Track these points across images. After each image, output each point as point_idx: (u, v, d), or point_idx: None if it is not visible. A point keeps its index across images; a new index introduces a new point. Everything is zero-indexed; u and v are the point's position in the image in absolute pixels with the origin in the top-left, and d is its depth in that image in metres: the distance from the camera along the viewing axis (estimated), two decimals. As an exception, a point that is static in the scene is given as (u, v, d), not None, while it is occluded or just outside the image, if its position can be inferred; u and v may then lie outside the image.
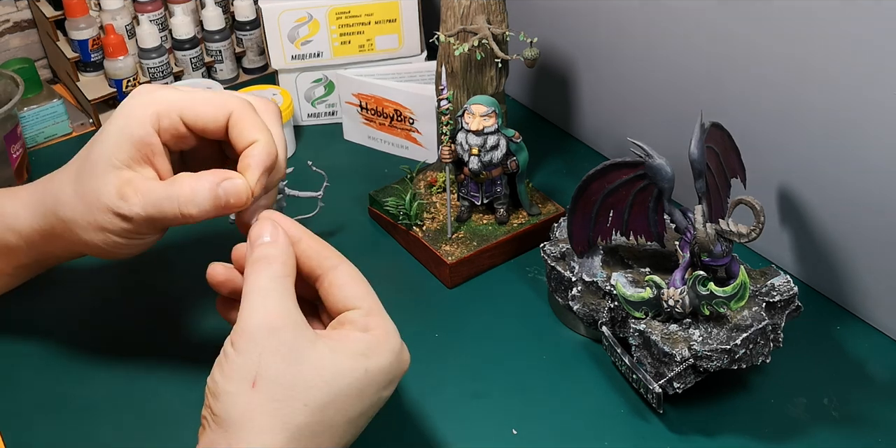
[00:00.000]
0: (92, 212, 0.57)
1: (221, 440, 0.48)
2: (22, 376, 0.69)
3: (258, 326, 0.49)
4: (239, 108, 0.57)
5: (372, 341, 0.51)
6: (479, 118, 0.73)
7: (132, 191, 0.56)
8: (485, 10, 0.75)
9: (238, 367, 0.49)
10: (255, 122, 0.57)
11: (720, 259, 0.64)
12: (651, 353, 0.64)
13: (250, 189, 0.56)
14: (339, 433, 0.50)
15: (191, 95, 0.58)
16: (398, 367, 0.52)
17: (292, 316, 0.50)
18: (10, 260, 0.65)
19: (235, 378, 0.48)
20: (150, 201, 0.56)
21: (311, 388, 0.48)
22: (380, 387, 0.51)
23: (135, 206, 0.56)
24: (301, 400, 0.48)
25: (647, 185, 0.65)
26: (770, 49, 0.71)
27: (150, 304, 0.76)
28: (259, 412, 0.48)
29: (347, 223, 0.84)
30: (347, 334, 0.52)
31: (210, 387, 0.49)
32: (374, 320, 0.53)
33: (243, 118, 0.57)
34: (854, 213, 0.70)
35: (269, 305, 0.50)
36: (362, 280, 0.55)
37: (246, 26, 1.02)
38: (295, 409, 0.48)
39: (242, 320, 0.50)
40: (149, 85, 0.60)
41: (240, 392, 0.48)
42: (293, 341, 0.49)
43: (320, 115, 0.99)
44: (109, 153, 0.57)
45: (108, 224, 0.57)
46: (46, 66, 1.08)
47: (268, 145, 0.57)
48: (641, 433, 0.65)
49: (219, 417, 0.48)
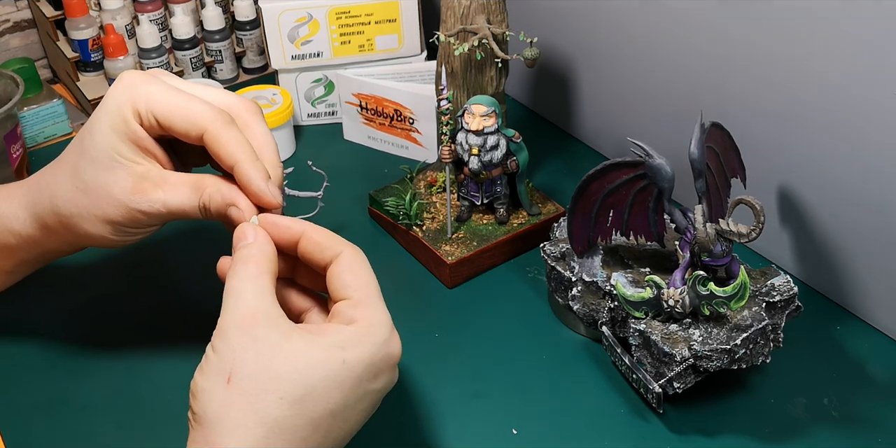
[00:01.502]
0: (100, 206, 0.57)
1: (200, 438, 0.48)
2: (22, 376, 0.69)
3: (232, 325, 0.50)
4: (212, 127, 0.56)
5: (351, 333, 0.51)
6: (479, 118, 0.73)
7: (150, 185, 0.57)
8: (485, 10, 0.75)
9: (214, 366, 0.49)
10: (229, 143, 0.56)
11: (720, 259, 0.64)
12: (651, 353, 0.64)
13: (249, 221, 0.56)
14: (325, 427, 0.49)
15: (168, 101, 0.56)
16: (384, 359, 0.51)
17: (266, 312, 0.50)
18: (10, 258, 0.65)
19: (212, 376, 0.49)
20: (175, 200, 0.57)
21: (286, 381, 0.48)
22: (363, 379, 0.50)
23: (156, 202, 0.57)
24: (275, 393, 0.48)
25: (647, 185, 0.65)
26: (770, 49, 0.71)
27: (150, 302, 0.76)
28: (234, 407, 0.48)
29: (347, 223, 0.84)
30: (326, 327, 0.51)
31: (191, 388, 0.50)
32: (360, 311, 0.52)
33: (217, 139, 0.56)
34: (854, 213, 0.70)
35: (241, 305, 0.50)
36: (361, 268, 0.54)
37: (246, 26, 1.02)
38: (270, 403, 0.48)
39: (220, 321, 0.50)
40: (133, 74, 0.58)
41: (215, 389, 0.48)
42: (266, 336, 0.49)
43: (320, 115, 0.99)
44: (109, 148, 0.57)
45: (120, 217, 0.57)
46: (46, 66, 1.08)
47: (247, 171, 0.56)
48: (641, 433, 0.65)
49: (198, 416, 0.48)
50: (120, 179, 0.57)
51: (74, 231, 0.60)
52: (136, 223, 0.58)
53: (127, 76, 0.58)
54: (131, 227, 0.59)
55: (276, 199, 0.56)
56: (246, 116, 0.59)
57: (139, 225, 0.59)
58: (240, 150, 0.56)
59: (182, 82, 0.60)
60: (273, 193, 0.56)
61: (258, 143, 0.58)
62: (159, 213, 0.57)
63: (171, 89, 0.57)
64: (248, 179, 0.56)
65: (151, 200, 0.57)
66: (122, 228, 0.59)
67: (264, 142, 0.59)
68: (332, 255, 0.54)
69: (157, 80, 0.58)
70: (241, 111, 0.59)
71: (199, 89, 0.59)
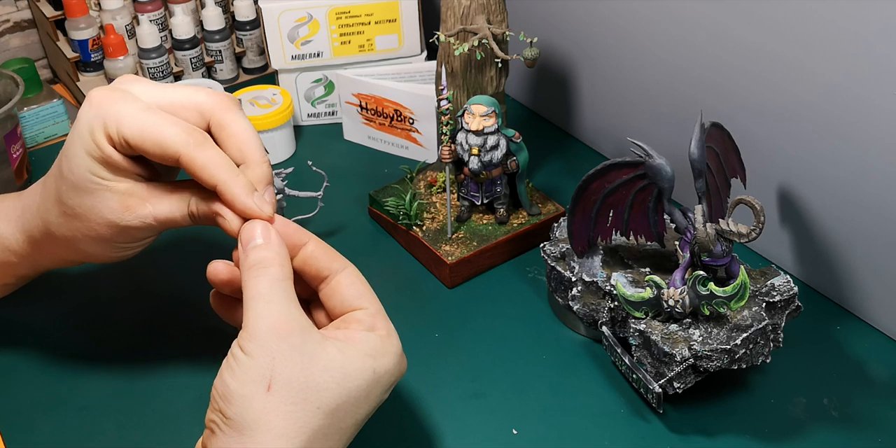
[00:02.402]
0: (91, 227, 0.57)
1: (236, 444, 0.48)
2: (22, 376, 0.69)
3: (267, 331, 0.49)
4: (185, 151, 0.53)
5: (377, 341, 0.52)
6: (479, 118, 0.73)
7: (137, 201, 0.56)
8: (485, 10, 0.75)
9: (251, 371, 0.48)
10: (206, 166, 0.53)
11: (720, 259, 0.64)
12: (651, 352, 0.64)
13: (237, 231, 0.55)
14: (348, 435, 0.51)
15: (139, 125, 0.53)
16: (399, 370, 0.53)
17: (299, 319, 0.50)
18: (9, 275, 0.66)
19: (249, 382, 0.48)
20: (164, 211, 0.56)
21: (324, 391, 0.49)
22: (384, 389, 0.52)
23: (146, 217, 0.56)
24: (314, 403, 0.48)
25: (647, 185, 0.65)
26: (770, 49, 0.71)
27: (150, 304, 0.76)
28: (275, 415, 0.48)
29: (347, 223, 0.84)
30: (353, 334, 0.52)
31: (219, 390, 0.49)
32: (379, 321, 0.53)
33: (192, 162, 0.53)
34: (854, 213, 0.70)
35: (274, 310, 0.50)
36: (366, 283, 0.56)
37: (246, 26, 1.02)
38: (309, 413, 0.48)
39: (250, 325, 0.50)
40: (101, 93, 0.55)
41: (255, 396, 0.48)
42: (303, 344, 0.49)
43: (320, 115, 0.99)
44: (87, 172, 0.55)
45: (113, 235, 0.57)
46: (46, 66, 1.08)
47: (230, 191, 0.53)
48: (641, 433, 0.65)
49: (232, 421, 0.48)
50: (105, 200, 0.56)
51: (71, 250, 0.60)
52: (129, 238, 0.59)
53: (95, 95, 0.55)
54: (126, 242, 0.59)
55: (265, 212, 0.54)
56: (221, 115, 0.56)
57: (133, 239, 0.59)
58: (219, 171, 0.53)
59: (153, 87, 0.57)
60: (260, 206, 0.54)
61: (238, 141, 0.56)
62: (151, 227, 0.57)
63: (141, 110, 0.54)
64: (231, 198, 0.53)
65: (141, 216, 0.56)
66: (117, 245, 0.59)
67: (245, 139, 0.56)
68: (339, 268, 0.55)
69: (126, 96, 0.55)
70: (215, 110, 0.56)
71: (170, 91, 0.57)
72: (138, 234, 0.58)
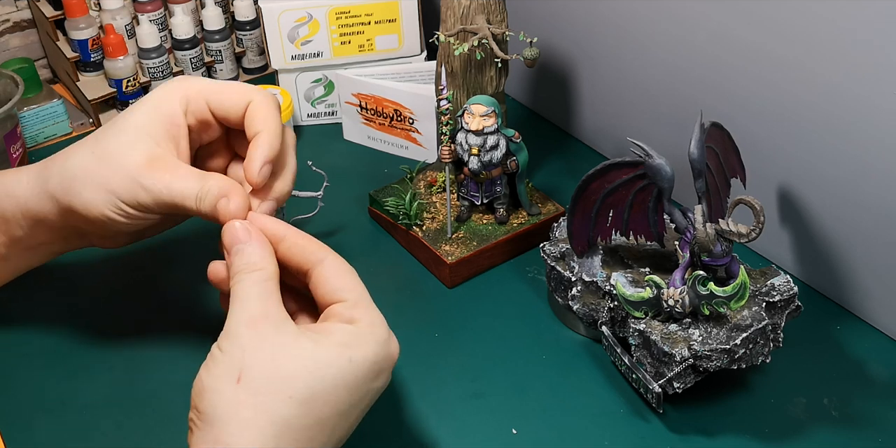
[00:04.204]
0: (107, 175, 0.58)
1: (209, 437, 0.48)
2: (22, 376, 0.69)
3: (238, 326, 0.50)
4: (258, 98, 0.60)
5: (355, 332, 0.52)
6: (478, 118, 0.73)
7: (161, 166, 0.58)
8: (485, 10, 0.75)
9: (222, 365, 0.49)
10: (268, 115, 0.60)
11: (720, 259, 0.64)
12: (651, 352, 0.64)
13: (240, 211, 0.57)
14: (331, 426, 0.50)
15: (219, 84, 0.62)
16: (385, 357, 0.52)
17: (274, 314, 0.51)
18: (4, 231, 0.64)
19: (221, 376, 0.49)
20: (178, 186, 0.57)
21: (295, 380, 0.49)
22: (367, 378, 0.51)
23: (160, 181, 0.57)
24: (285, 392, 0.48)
25: (647, 185, 0.65)
26: (770, 49, 0.71)
27: (151, 303, 0.76)
28: (244, 406, 0.48)
29: (347, 223, 0.84)
30: (330, 326, 0.52)
31: (196, 387, 0.50)
32: (358, 312, 0.53)
33: (259, 108, 0.60)
34: (854, 213, 0.70)
35: (249, 308, 0.51)
36: (348, 272, 0.55)
37: (246, 26, 1.02)
38: (280, 402, 0.48)
39: (228, 325, 0.51)
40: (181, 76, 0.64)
41: (224, 388, 0.48)
42: (275, 336, 0.50)
43: (320, 115, 0.99)
44: (141, 123, 0.59)
45: (123, 190, 0.58)
46: (46, 66, 1.08)
47: (270, 136, 0.59)
48: (641, 433, 0.65)
49: (204, 414, 0.48)
50: (136, 153, 0.58)
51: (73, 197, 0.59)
52: (135, 203, 0.58)
53: (176, 78, 0.63)
54: (129, 207, 0.58)
55: (258, 176, 0.58)
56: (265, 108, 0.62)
57: (137, 207, 0.58)
58: (272, 124, 0.59)
59: None
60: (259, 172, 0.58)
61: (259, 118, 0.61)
62: (160, 196, 0.57)
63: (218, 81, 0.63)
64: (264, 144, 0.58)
65: (157, 179, 0.57)
66: (119, 206, 0.58)
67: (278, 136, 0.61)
68: (317, 260, 0.55)
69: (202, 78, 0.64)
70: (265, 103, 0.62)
71: None
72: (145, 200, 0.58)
